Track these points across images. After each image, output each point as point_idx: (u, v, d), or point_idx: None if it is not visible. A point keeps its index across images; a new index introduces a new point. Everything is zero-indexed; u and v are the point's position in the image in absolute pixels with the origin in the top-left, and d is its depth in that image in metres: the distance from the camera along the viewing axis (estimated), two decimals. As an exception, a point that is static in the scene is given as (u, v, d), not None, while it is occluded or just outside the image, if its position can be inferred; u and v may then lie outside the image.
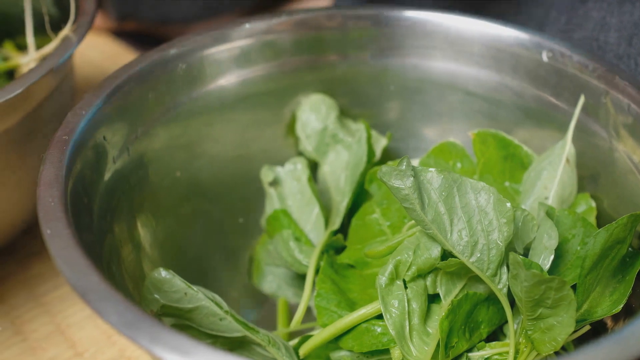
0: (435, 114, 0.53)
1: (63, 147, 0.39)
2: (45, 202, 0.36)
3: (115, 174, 0.44)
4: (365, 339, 0.41)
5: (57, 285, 0.54)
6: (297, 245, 0.47)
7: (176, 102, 0.48)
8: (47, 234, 0.34)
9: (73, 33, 0.50)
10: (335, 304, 0.43)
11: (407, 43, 0.52)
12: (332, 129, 0.51)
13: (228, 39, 0.49)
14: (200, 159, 0.50)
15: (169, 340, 0.29)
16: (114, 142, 0.44)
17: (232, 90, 0.51)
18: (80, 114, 0.42)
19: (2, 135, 0.47)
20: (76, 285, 0.32)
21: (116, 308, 0.30)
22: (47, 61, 0.47)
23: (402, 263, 0.41)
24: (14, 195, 0.51)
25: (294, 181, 0.51)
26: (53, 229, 0.34)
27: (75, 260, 0.33)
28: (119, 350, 0.49)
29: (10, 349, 0.50)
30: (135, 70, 0.46)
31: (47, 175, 0.37)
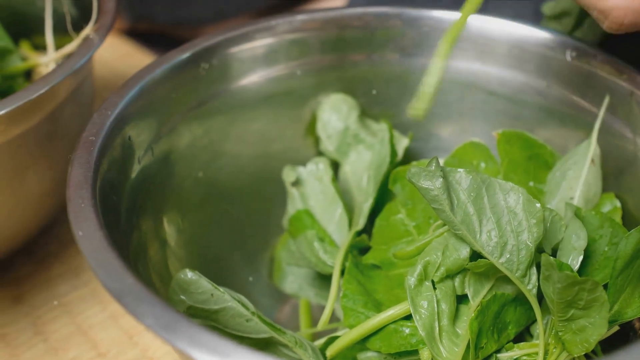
0: (456, 113, 0.53)
1: (90, 148, 0.39)
2: (75, 203, 0.36)
3: (140, 174, 0.43)
4: (394, 340, 0.41)
5: (76, 285, 0.54)
6: (322, 245, 0.47)
7: (199, 101, 0.48)
8: (79, 235, 0.34)
9: (94, 33, 0.50)
10: (362, 304, 0.43)
11: (429, 42, 0.52)
12: (353, 129, 0.51)
13: (252, 37, 0.49)
14: (221, 159, 0.50)
15: (207, 342, 0.29)
16: (138, 142, 0.44)
17: (254, 89, 0.50)
18: (106, 114, 0.42)
19: (25, 134, 0.47)
20: (111, 288, 0.31)
21: (152, 310, 0.30)
22: (70, 61, 0.47)
23: (431, 264, 0.40)
24: (34, 195, 0.51)
25: (316, 181, 0.51)
26: (85, 230, 0.34)
27: (109, 262, 0.33)
28: (141, 351, 0.49)
29: (32, 349, 0.50)
30: (159, 70, 0.46)
31: (75, 177, 0.37)
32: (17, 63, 0.55)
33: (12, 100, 0.44)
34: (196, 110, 0.48)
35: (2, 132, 0.45)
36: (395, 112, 0.54)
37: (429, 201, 0.39)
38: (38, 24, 0.62)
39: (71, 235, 0.57)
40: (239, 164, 0.51)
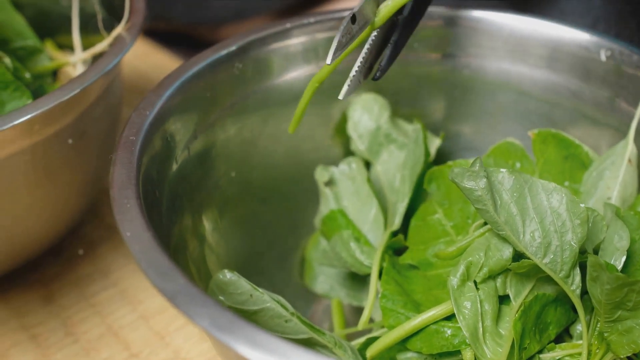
0: (487, 113, 0.53)
1: (131, 148, 0.39)
2: (120, 204, 0.36)
3: (178, 173, 0.43)
4: (435, 340, 0.40)
5: (105, 286, 0.54)
6: (358, 246, 0.46)
7: (232, 100, 0.48)
8: (127, 236, 0.34)
9: (126, 32, 0.50)
10: (402, 305, 0.42)
11: (459, 42, 0.51)
12: (385, 128, 0.51)
13: (285, 36, 0.49)
14: (253, 158, 0.50)
15: (266, 343, 0.29)
16: (175, 141, 0.43)
17: (286, 88, 0.50)
18: (144, 114, 0.41)
19: (58, 134, 0.47)
20: (163, 289, 0.31)
21: (208, 311, 0.30)
22: (102, 60, 0.47)
23: (474, 264, 0.40)
24: (64, 195, 0.51)
25: (349, 181, 0.51)
26: (132, 231, 0.34)
27: (159, 263, 0.32)
28: (174, 352, 0.49)
29: (63, 350, 0.49)
30: (194, 69, 0.45)
31: (119, 177, 0.37)
32: (45, 62, 0.55)
33: (48, 99, 0.43)
34: (230, 109, 0.48)
35: (37, 132, 0.45)
36: (425, 112, 0.54)
37: (472, 202, 0.39)
38: (62, 24, 0.62)
39: (98, 236, 0.58)
40: (270, 163, 0.51)
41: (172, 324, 0.51)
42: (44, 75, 0.54)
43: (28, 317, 0.52)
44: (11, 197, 0.46)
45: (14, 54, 0.51)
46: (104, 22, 0.56)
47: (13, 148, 0.44)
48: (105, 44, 0.51)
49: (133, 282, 0.54)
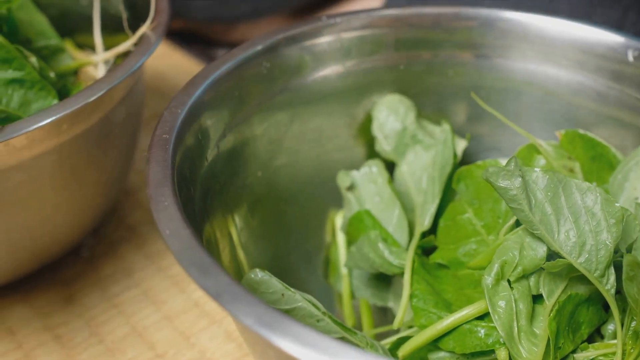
0: (512, 113, 0.53)
1: (166, 146, 0.39)
2: (158, 201, 0.35)
3: (209, 171, 0.43)
4: (468, 340, 0.40)
5: (128, 286, 0.54)
6: (386, 246, 0.46)
7: (259, 100, 0.48)
8: (167, 234, 0.34)
9: (151, 31, 0.50)
10: (433, 305, 0.42)
11: (485, 42, 0.51)
12: (411, 129, 0.51)
13: (312, 36, 0.49)
14: (279, 158, 0.50)
15: (314, 341, 0.28)
16: (206, 139, 0.43)
17: (311, 88, 0.50)
18: (176, 112, 0.41)
19: (85, 134, 0.46)
20: (207, 287, 0.31)
21: (253, 309, 0.30)
22: (129, 60, 0.47)
23: (508, 263, 0.40)
24: (90, 195, 0.51)
25: (370, 184, 0.51)
26: (172, 229, 0.34)
27: (201, 261, 0.32)
28: (199, 352, 0.49)
29: (88, 350, 0.49)
30: (223, 68, 0.45)
31: (155, 175, 0.37)
32: (68, 62, 0.55)
33: (78, 98, 0.43)
34: (257, 108, 0.48)
35: (65, 132, 0.45)
36: (449, 112, 0.54)
37: (507, 201, 0.39)
38: (81, 23, 0.62)
39: (119, 236, 0.58)
40: (295, 163, 0.51)
41: (196, 324, 0.51)
42: (66, 74, 0.54)
43: (51, 317, 0.51)
44: (38, 198, 0.46)
45: (38, 53, 0.51)
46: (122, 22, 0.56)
47: (41, 148, 0.44)
48: (130, 43, 0.51)
49: (156, 283, 0.54)
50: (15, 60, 0.46)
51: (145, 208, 0.61)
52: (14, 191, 0.44)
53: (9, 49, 0.46)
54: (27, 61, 0.46)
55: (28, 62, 0.47)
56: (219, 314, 0.51)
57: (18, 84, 0.46)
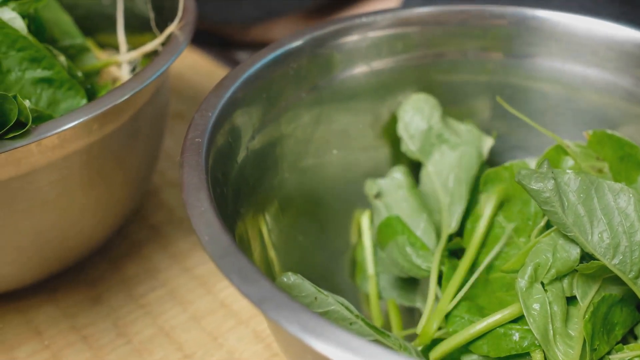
0: (537, 112, 0.53)
1: (199, 150, 0.39)
2: (194, 206, 0.35)
3: (239, 174, 0.43)
4: (503, 343, 0.40)
5: (154, 287, 0.54)
6: (414, 250, 0.46)
7: (287, 101, 0.48)
8: (205, 240, 0.33)
9: (179, 31, 0.50)
10: (466, 310, 0.42)
11: (511, 40, 0.51)
12: (437, 129, 0.51)
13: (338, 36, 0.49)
14: (305, 159, 0.50)
15: (361, 348, 0.28)
16: (236, 141, 0.43)
17: (338, 88, 0.50)
18: (207, 115, 0.41)
19: (114, 133, 0.46)
20: (249, 294, 0.31)
21: (297, 316, 0.30)
22: (160, 58, 0.47)
23: (542, 266, 0.40)
24: (117, 195, 0.51)
25: (397, 190, 0.51)
26: (210, 235, 0.34)
27: (241, 267, 0.32)
28: (228, 353, 0.49)
29: (116, 351, 0.49)
30: (251, 70, 0.45)
31: (190, 179, 0.37)
32: (93, 61, 0.54)
33: (110, 98, 0.43)
34: (284, 109, 0.48)
35: (95, 131, 0.45)
36: (474, 111, 0.53)
37: (539, 203, 0.39)
38: (102, 22, 0.62)
39: (143, 236, 0.58)
40: (321, 164, 0.51)
41: (224, 325, 0.51)
42: (91, 74, 0.54)
43: (78, 317, 0.51)
44: (67, 198, 0.46)
45: (64, 52, 0.51)
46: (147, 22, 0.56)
47: (72, 147, 0.44)
48: (157, 42, 0.51)
49: (181, 283, 0.54)
50: (45, 59, 0.46)
51: (168, 208, 0.61)
52: (44, 191, 0.44)
53: (38, 48, 0.45)
54: (56, 60, 0.46)
55: (57, 61, 0.46)
56: (245, 314, 0.51)
57: (47, 83, 0.46)
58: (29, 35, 0.46)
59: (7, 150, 0.40)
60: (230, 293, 0.53)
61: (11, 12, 0.46)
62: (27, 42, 0.45)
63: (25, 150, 0.42)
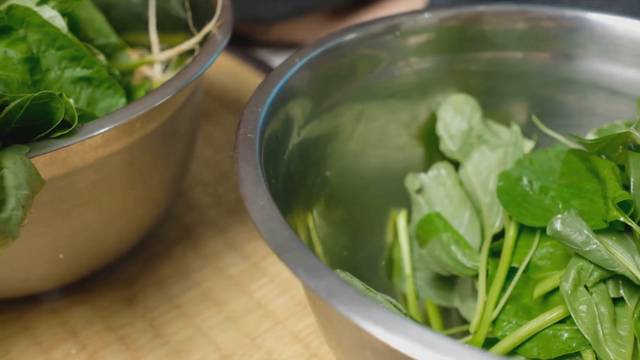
0: (575, 113, 0.52)
1: (252, 145, 0.38)
2: (253, 201, 0.35)
3: (286, 170, 0.43)
4: (553, 345, 0.40)
5: (188, 287, 0.53)
6: (459, 248, 0.46)
7: (330, 99, 0.47)
8: (267, 235, 0.33)
9: (217, 30, 0.49)
10: (513, 314, 0.42)
11: (551, 41, 0.51)
12: (477, 129, 0.50)
13: (379, 35, 0.49)
14: (346, 158, 0.49)
15: (441, 345, 0.28)
16: (283, 138, 0.43)
17: (378, 87, 0.50)
18: (256, 111, 0.41)
19: (154, 133, 0.46)
20: (317, 288, 0.30)
21: (370, 312, 0.29)
22: (200, 57, 0.46)
23: (584, 269, 0.40)
24: (154, 195, 0.50)
25: (439, 187, 0.50)
26: (272, 229, 0.33)
27: (308, 263, 0.32)
28: (267, 353, 0.48)
29: (154, 352, 0.49)
30: (296, 67, 0.45)
31: (247, 175, 0.36)
32: (127, 60, 0.54)
33: (154, 97, 0.43)
34: (327, 107, 0.47)
35: (138, 130, 0.44)
36: (512, 111, 0.53)
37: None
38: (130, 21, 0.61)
39: (175, 236, 0.57)
40: (360, 163, 0.50)
41: (261, 325, 0.50)
42: (126, 72, 0.53)
43: (113, 318, 0.51)
44: (108, 198, 0.46)
45: (101, 51, 0.51)
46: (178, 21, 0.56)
47: (114, 147, 0.43)
48: (194, 41, 0.50)
49: (215, 283, 0.53)
50: (85, 58, 0.45)
51: (199, 208, 0.60)
52: (86, 191, 0.44)
53: (78, 47, 0.45)
54: (95, 59, 0.46)
55: (97, 60, 0.46)
56: (282, 315, 0.51)
57: (86, 82, 0.46)
58: (68, 34, 0.46)
59: (54, 149, 0.39)
60: (266, 293, 0.53)
61: (51, 10, 0.46)
62: (67, 40, 0.45)
63: (69, 150, 0.41)
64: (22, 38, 0.43)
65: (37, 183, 0.38)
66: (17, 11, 0.42)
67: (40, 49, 0.44)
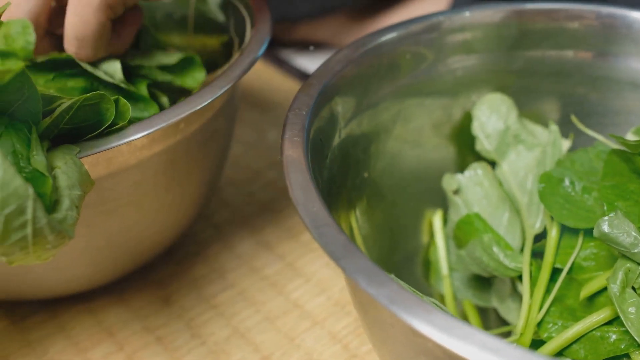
0: (611, 112, 0.52)
1: (300, 149, 0.38)
2: (306, 207, 0.35)
3: (329, 173, 0.43)
4: (600, 346, 0.40)
5: (224, 287, 0.53)
6: (501, 249, 0.46)
7: (369, 100, 0.47)
8: (323, 241, 0.33)
9: (256, 30, 0.49)
10: (558, 315, 0.42)
11: (588, 39, 0.51)
12: (514, 129, 0.50)
13: (418, 35, 0.49)
14: (383, 159, 0.49)
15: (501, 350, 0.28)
16: (326, 140, 0.43)
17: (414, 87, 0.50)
18: (301, 114, 0.41)
19: (196, 133, 0.46)
20: (378, 295, 0.30)
21: (428, 316, 0.29)
22: (244, 57, 0.46)
23: (632, 270, 0.40)
24: (193, 194, 0.50)
25: (476, 187, 0.50)
26: (328, 236, 0.33)
27: (365, 267, 0.32)
28: (306, 354, 0.48)
29: (192, 352, 0.49)
30: (341, 66, 0.45)
31: (297, 180, 0.36)
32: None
33: (202, 96, 0.43)
34: (367, 108, 0.47)
35: (182, 130, 0.44)
36: (547, 109, 0.53)
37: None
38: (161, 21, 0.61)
39: (208, 235, 0.57)
40: (397, 163, 0.50)
41: (299, 326, 0.50)
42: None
43: (150, 318, 0.51)
44: (150, 198, 0.46)
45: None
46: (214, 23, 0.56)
47: (159, 147, 0.43)
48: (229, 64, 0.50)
49: (251, 283, 0.53)
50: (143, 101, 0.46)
51: (231, 207, 0.60)
52: (129, 192, 0.44)
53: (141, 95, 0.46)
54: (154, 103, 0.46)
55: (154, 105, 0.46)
56: (320, 315, 0.51)
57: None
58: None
59: (103, 150, 0.39)
60: (302, 294, 0.53)
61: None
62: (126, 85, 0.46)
63: (115, 150, 0.41)
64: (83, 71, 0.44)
65: (88, 183, 0.38)
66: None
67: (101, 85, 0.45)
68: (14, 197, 0.33)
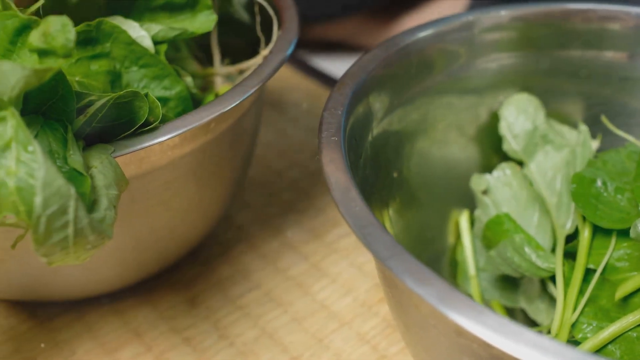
0: (637, 112, 0.52)
1: (338, 148, 0.38)
2: (348, 206, 0.35)
3: (363, 173, 0.42)
4: (636, 347, 0.40)
5: (250, 288, 0.53)
6: (533, 250, 0.46)
7: (399, 99, 0.47)
8: (368, 241, 0.33)
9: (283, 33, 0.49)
10: (592, 316, 0.42)
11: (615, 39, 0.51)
12: (542, 129, 0.50)
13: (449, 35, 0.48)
14: (411, 159, 0.49)
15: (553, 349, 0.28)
16: (360, 140, 0.43)
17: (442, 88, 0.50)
18: (337, 114, 0.41)
19: (225, 132, 0.46)
20: (427, 295, 0.30)
21: (479, 317, 0.29)
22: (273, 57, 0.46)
23: (667, 270, 0.40)
24: (220, 194, 0.50)
25: (505, 187, 0.50)
26: (372, 235, 0.33)
27: (412, 267, 0.32)
28: (335, 355, 0.48)
29: (221, 353, 0.48)
30: (374, 65, 0.45)
31: (337, 179, 0.36)
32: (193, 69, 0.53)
33: (231, 96, 0.43)
34: (397, 108, 0.47)
35: (212, 130, 0.44)
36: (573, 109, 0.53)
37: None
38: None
39: (231, 236, 0.57)
40: (425, 163, 0.50)
41: (327, 326, 0.50)
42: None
43: (177, 319, 0.51)
44: (179, 198, 0.46)
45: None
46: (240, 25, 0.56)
47: (189, 147, 0.43)
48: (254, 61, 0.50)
49: (276, 284, 0.53)
50: (168, 77, 0.45)
51: (253, 208, 0.60)
52: (160, 191, 0.44)
53: (164, 65, 0.44)
54: (180, 80, 0.45)
55: (181, 82, 0.45)
56: (348, 316, 0.51)
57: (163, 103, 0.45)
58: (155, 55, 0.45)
59: (137, 149, 0.39)
60: (329, 294, 0.52)
61: (141, 30, 0.45)
62: (153, 59, 0.44)
63: (148, 150, 0.41)
64: (106, 53, 0.42)
65: (123, 183, 0.38)
66: (106, 26, 0.42)
67: (124, 64, 0.44)
68: (57, 197, 0.32)
